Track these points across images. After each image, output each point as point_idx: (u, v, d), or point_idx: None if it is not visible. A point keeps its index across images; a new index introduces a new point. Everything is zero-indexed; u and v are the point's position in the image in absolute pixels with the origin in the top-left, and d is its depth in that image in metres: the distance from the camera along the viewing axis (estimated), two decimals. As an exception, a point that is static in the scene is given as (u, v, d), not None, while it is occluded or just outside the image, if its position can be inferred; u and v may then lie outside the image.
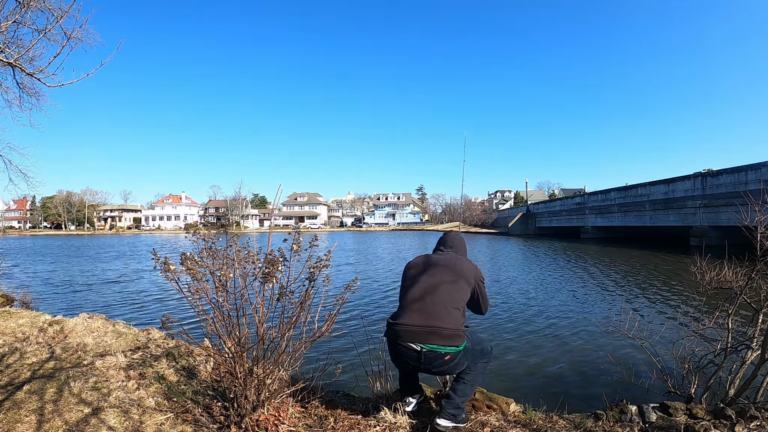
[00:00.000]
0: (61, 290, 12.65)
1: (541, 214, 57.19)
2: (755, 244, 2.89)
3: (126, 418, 2.36)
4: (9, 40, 4.81)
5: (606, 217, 39.75)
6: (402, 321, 2.35)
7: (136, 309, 9.58)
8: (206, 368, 3.36)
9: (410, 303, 2.38)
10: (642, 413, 2.65)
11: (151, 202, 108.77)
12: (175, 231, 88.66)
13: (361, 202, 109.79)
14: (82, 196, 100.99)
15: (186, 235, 2.62)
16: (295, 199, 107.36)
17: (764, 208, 3.28)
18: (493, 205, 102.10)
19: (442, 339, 2.28)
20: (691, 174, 28.47)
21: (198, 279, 2.28)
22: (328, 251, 2.47)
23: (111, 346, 3.79)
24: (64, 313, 7.06)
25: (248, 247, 2.55)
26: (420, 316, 2.32)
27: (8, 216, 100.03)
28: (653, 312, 8.78)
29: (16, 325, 4.45)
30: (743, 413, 2.46)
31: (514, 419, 2.66)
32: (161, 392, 2.80)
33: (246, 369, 2.34)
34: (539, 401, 3.04)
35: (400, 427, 2.44)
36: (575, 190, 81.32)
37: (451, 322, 2.32)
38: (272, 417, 2.41)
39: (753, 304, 3.12)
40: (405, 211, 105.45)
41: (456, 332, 2.32)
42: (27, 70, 4.21)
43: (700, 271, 3.45)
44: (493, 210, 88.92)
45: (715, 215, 25.81)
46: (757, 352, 2.99)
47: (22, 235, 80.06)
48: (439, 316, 2.31)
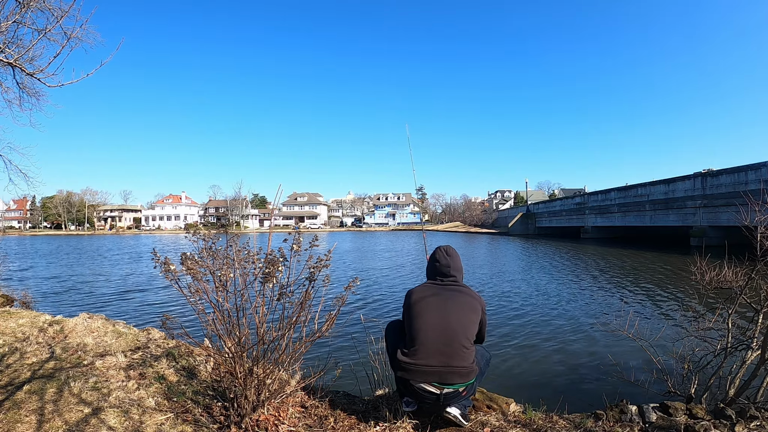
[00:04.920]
0: (61, 290, 12.64)
1: (541, 214, 57.18)
2: (755, 244, 2.89)
3: (126, 418, 2.36)
4: (9, 40, 4.81)
5: (606, 217, 39.73)
6: (419, 361, 2.29)
7: (136, 309, 9.58)
8: (206, 368, 3.36)
9: (426, 342, 2.31)
10: (642, 413, 2.65)
11: (151, 202, 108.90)
12: (175, 231, 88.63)
13: (361, 202, 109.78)
14: (82, 196, 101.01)
15: (186, 235, 2.62)
16: (295, 199, 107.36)
17: (764, 208, 3.28)
18: (493, 205, 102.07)
19: (460, 377, 2.28)
20: (691, 174, 28.47)
21: (198, 279, 2.28)
22: (328, 251, 2.47)
23: (111, 346, 3.79)
24: (64, 313, 7.05)
25: (248, 247, 2.55)
26: (438, 357, 2.28)
27: (8, 216, 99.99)
28: (653, 312, 8.78)
29: (16, 325, 4.45)
30: (743, 413, 2.46)
31: (514, 419, 2.66)
32: (161, 392, 2.79)
33: (246, 369, 2.34)
34: (539, 401, 3.03)
35: (400, 427, 2.44)
36: (575, 190, 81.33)
37: (468, 359, 2.31)
38: (272, 417, 2.41)
39: (753, 304, 3.12)
40: (405, 211, 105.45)
41: (472, 368, 2.32)
42: (27, 70, 4.21)
43: (700, 271, 3.45)
44: (493, 210, 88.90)
45: (715, 215, 25.81)
46: (757, 352, 2.99)
47: (22, 235, 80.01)
48: (457, 355, 2.29)
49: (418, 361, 2.29)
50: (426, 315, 2.38)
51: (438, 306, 2.41)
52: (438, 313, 2.38)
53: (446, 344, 2.30)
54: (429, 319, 2.37)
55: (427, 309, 2.40)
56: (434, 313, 2.38)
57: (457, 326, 2.34)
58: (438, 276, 2.59)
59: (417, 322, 2.38)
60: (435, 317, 2.37)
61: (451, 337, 2.31)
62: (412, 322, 2.41)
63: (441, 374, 2.26)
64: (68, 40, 4.04)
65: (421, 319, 2.38)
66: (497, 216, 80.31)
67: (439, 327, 2.33)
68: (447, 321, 2.35)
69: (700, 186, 27.52)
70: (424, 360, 2.28)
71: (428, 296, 2.47)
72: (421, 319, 2.38)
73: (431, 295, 2.47)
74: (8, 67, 5.03)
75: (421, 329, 2.35)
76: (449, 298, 2.45)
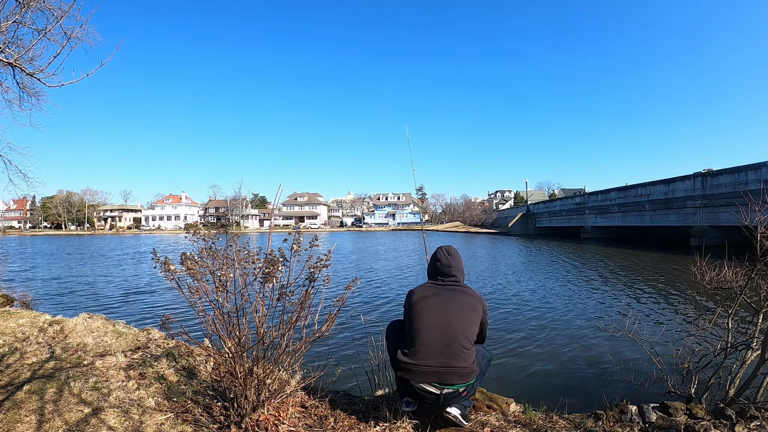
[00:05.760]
0: (60, 291, 12.64)
1: (541, 214, 57.18)
2: (755, 244, 2.89)
3: (126, 418, 2.36)
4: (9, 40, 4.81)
5: (606, 217, 39.73)
6: (419, 361, 2.30)
7: (136, 309, 9.59)
8: (206, 368, 3.36)
9: (426, 342, 2.32)
10: (642, 413, 2.65)
11: (151, 202, 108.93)
12: (175, 231, 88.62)
13: (361, 202, 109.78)
14: (82, 196, 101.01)
15: (186, 235, 2.62)
16: (295, 199, 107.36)
17: (764, 208, 3.28)
18: (493, 205, 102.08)
19: (460, 378, 2.28)
20: (691, 174, 28.47)
21: (198, 279, 2.28)
22: (328, 251, 2.47)
23: (111, 346, 3.79)
24: (64, 313, 7.05)
25: (248, 247, 2.55)
26: (438, 357, 2.28)
27: (8, 216, 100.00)
28: (653, 312, 8.78)
29: (16, 325, 4.45)
30: (743, 413, 2.46)
31: (514, 419, 2.66)
32: (161, 392, 2.80)
33: (246, 369, 2.34)
34: (539, 401, 3.03)
35: (400, 427, 2.44)
36: (575, 190, 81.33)
37: (468, 359, 2.31)
38: (272, 417, 2.41)
39: (753, 304, 3.12)
40: (405, 211, 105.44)
41: (472, 368, 2.31)
42: (27, 70, 4.21)
43: (700, 271, 3.45)
44: (493, 210, 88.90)
45: (715, 215, 25.81)
46: (757, 352, 2.99)
47: (22, 235, 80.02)
48: (458, 356, 2.29)
49: (418, 361, 2.30)
50: (426, 315, 2.38)
51: (438, 306, 2.41)
52: (438, 314, 2.38)
53: (446, 344, 2.30)
54: (429, 319, 2.37)
55: (427, 309, 2.41)
56: (434, 314, 2.38)
57: (457, 326, 2.34)
58: (439, 276, 2.59)
59: (417, 322, 2.39)
60: (435, 317, 2.37)
61: (451, 338, 2.31)
62: (412, 322, 2.41)
63: (441, 374, 2.27)
64: (68, 40, 4.03)
65: (421, 319, 2.38)
66: (497, 216, 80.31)
67: (439, 327, 2.34)
68: (447, 321, 2.35)
69: (700, 186, 27.52)
70: (424, 360, 2.29)
71: (428, 296, 2.47)
72: (421, 320, 2.38)
73: (432, 296, 2.47)
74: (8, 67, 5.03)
75: (421, 330, 2.35)
76: (450, 298, 2.45)
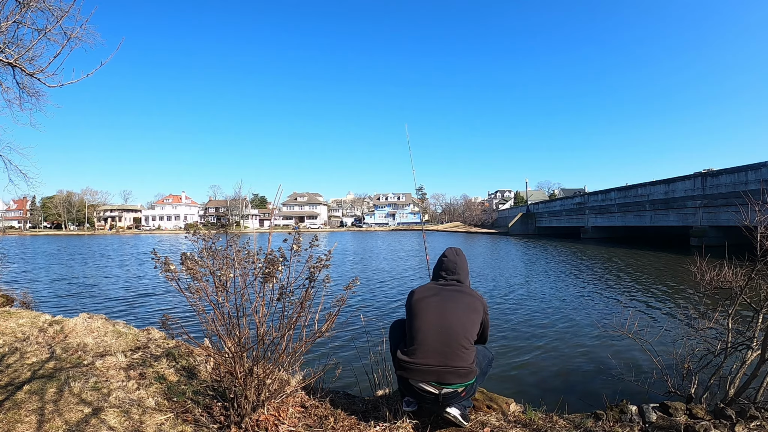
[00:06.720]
0: (60, 291, 12.64)
1: (541, 214, 57.17)
2: (755, 244, 2.89)
3: (126, 418, 2.36)
4: (9, 40, 4.82)
5: (606, 217, 39.73)
6: (417, 360, 2.30)
7: (136, 309, 9.58)
8: (206, 368, 3.36)
9: (425, 341, 2.32)
10: (642, 413, 2.65)
11: (151, 202, 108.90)
12: (175, 231, 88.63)
13: (361, 202, 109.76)
14: (82, 196, 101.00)
15: (186, 235, 2.62)
16: (295, 199, 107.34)
17: (764, 208, 3.28)
18: (493, 205, 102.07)
19: (459, 378, 2.28)
20: (691, 174, 28.47)
21: (198, 279, 2.28)
22: (328, 251, 2.47)
23: (111, 346, 3.79)
24: (64, 313, 7.05)
25: (248, 247, 2.55)
26: (437, 357, 2.28)
27: (8, 216, 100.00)
28: (653, 312, 8.78)
29: (16, 325, 4.45)
30: (743, 413, 2.46)
31: (514, 419, 2.66)
32: (161, 392, 2.79)
33: (246, 369, 2.34)
34: (539, 401, 3.04)
35: (400, 427, 2.44)
36: (575, 190, 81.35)
37: (468, 359, 2.31)
38: (272, 417, 2.41)
39: (753, 304, 3.12)
40: (405, 211, 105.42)
41: (471, 368, 2.31)
42: (27, 70, 4.21)
43: (700, 271, 3.45)
44: (493, 210, 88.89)
45: (715, 215, 25.81)
46: (757, 352, 2.99)
47: (22, 235, 79.98)
48: (456, 355, 2.29)
49: (416, 360, 2.30)
50: (426, 315, 2.39)
51: (438, 306, 2.42)
52: (438, 313, 2.38)
53: (445, 344, 2.30)
54: (428, 318, 2.37)
55: (427, 309, 2.42)
56: (434, 313, 2.39)
57: (457, 326, 2.34)
58: (442, 272, 2.63)
59: (417, 321, 2.40)
60: (435, 317, 2.37)
61: (451, 337, 2.31)
62: (412, 321, 2.42)
63: (439, 374, 2.27)
64: (68, 40, 4.04)
65: (421, 318, 2.39)
66: (497, 216, 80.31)
67: (438, 326, 2.34)
68: (447, 321, 2.35)
69: (700, 186, 27.51)
70: (422, 359, 2.29)
71: (429, 296, 2.48)
72: (421, 319, 2.39)
73: (432, 295, 2.48)
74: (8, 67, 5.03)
75: (420, 329, 2.36)
76: (450, 298, 2.46)
